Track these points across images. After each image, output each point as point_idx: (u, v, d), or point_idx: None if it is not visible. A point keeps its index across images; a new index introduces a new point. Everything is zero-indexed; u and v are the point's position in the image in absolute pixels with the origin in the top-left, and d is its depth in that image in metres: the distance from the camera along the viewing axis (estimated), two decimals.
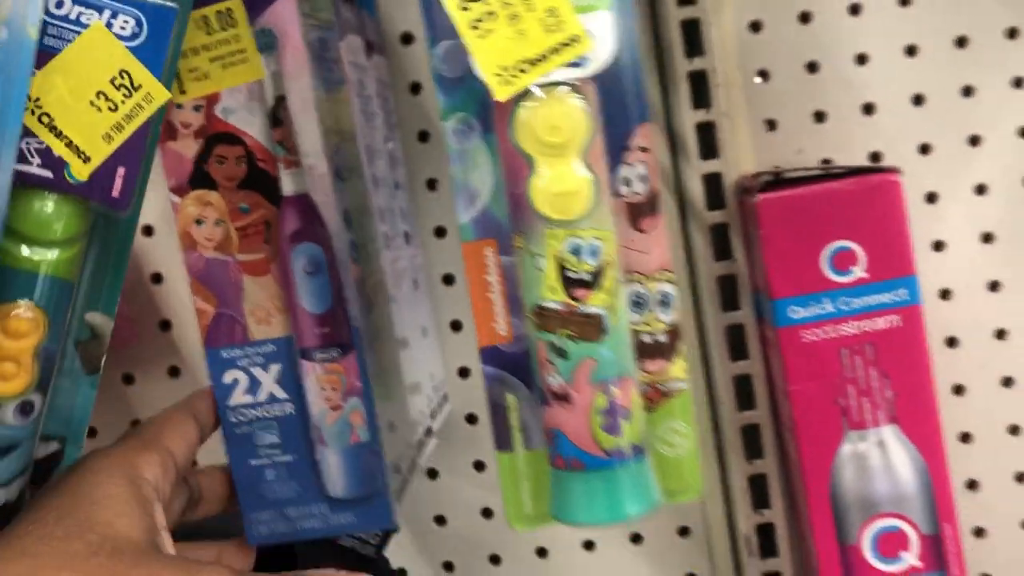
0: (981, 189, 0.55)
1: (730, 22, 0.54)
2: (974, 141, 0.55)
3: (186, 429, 0.38)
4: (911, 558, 0.48)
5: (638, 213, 0.30)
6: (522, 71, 0.26)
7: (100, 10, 0.29)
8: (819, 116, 0.55)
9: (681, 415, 0.31)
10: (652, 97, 0.55)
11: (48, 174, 0.29)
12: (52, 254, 0.31)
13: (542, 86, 0.27)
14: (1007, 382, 0.56)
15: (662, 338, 0.31)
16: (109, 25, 0.30)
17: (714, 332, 0.55)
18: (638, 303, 0.31)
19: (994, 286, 0.55)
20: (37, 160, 0.29)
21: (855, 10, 0.54)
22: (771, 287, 0.48)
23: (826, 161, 0.55)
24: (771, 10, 0.54)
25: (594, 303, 0.27)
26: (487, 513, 0.58)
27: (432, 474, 0.58)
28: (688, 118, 0.53)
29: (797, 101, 0.55)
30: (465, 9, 0.26)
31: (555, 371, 0.28)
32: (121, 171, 0.31)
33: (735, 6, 0.54)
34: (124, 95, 0.30)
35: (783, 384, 0.49)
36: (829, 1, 0.54)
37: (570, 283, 0.27)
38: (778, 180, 0.51)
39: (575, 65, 0.27)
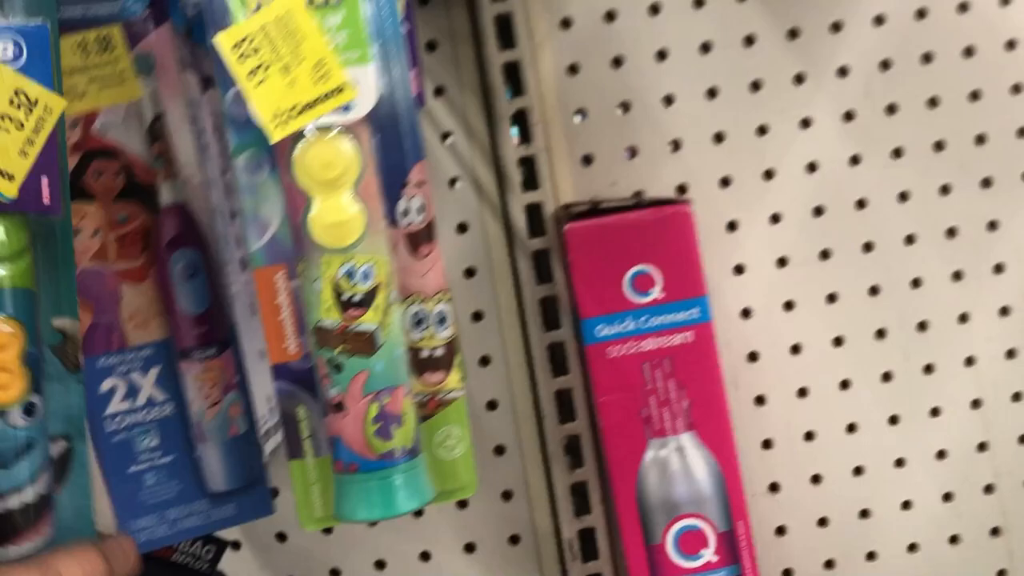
0: (775, 218, 0.61)
1: (550, 65, 0.59)
2: (768, 175, 0.61)
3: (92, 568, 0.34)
4: (709, 554, 0.53)
5: (417, 241, 0.33)
6: (294, 116, 0.30)
7: None
8: (631, 151, 0.60)
9: (456, 420, 0.35)
10: (480, 134, 0.59)
11: None
12: (6, 269, 0.32)
13: (317, 128, 0.30)
14: (802, 392, 0.62)
15: (440, 352, 0.35)
16: None
17: (538, 350, 0.59)
18: (418, 322, 0.34)
19: (789, 305, 0.61)
20: None
21: (662, 55, 0.60)
22: (580, 307, 0.52)
23: (638, 193, 0.60)
24: (587, 54, 0.59)
25: (366, 321, 0.31)
26: (326, 529, 0.61)
27: (273, 492, 0.60)
28: (511, 153, 0.58)
29: (611, 138, 0.60)
30: (242, 61, 0.29)
31: (332, 384, 0.31)
32: (45, 180, 0.33)
33: (554, 50, 0.59)
34: (25, 112, 0.32)
35: (593, 396, 0.53)
36: (639, 47, 0.59)
37: (344, 304, 0.31)
38: (595, 210, 0.56)
39: (343, 110, 0.30)
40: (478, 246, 0.60)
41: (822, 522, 0.62)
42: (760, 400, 0.62)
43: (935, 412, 0.62)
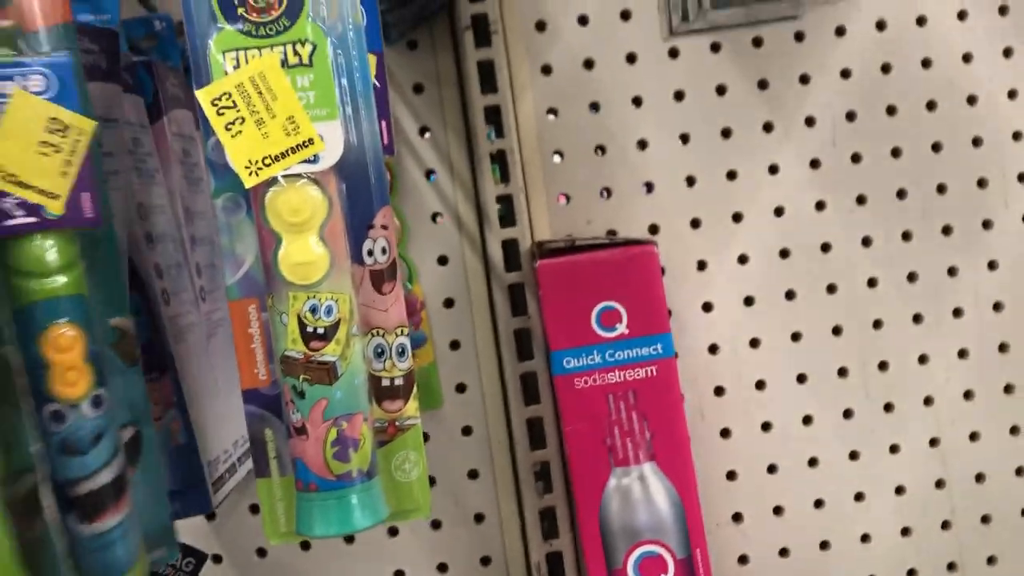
0: (743, 259, 0.64)
1: (530, 108, 0.62)
2: (737, 217, 0.63)
3: None
4: None
5: (380, 279, 0.36)
6: (266, 165, 0.33)
7: (11, 78, 0.35)
8: (606, 192, 0.63)
9: (413, 446, 0.38)
10: (462, 172, 0.62)
11: (33, 219, 0.35)
12: (61, 279, 0.36)
13: (286, 176, 0.33)
14: (766, 426, 0.64)
15: (399, 382, 0.37)
16: (25, 87, 0.35)
17: (512, 379, 0.62)
18: (380, 353, 0.37)
19: (755, 343, 0.64)
20: (20, 212, 0.35)
21: (638, 101, 0.63)
22: (549, 340, 0.55)
23: (611, 231, 0.63)
24: (566, 99, 0.62)
25: (328, 353, 0.33)
26: (304, 545, 0.63)
27: (254, 509, 0.63)
28: (491, 192, 0.61)
29: (588, 178, 0.63)
30: (220, 114, 0.32)
31: (296, 409, 0.34)
32: (86, 196, 0.36)
33: (535, 94, 0.62)
34: (61, 136, 0.35)
35: (561, 425, 0.55)
36: (615, 93, 0.62)
37: (308, 336, 0.33)
38: (570, 247, 0.59)
39: (311, 161, 0.33)
40: (458, 278, 0.62)
41: (783, 552, 0.65)
42: (725, 433, 0.64)
43: (894, 449, 0.65)
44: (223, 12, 0.33)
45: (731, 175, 0.63)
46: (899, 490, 0.65)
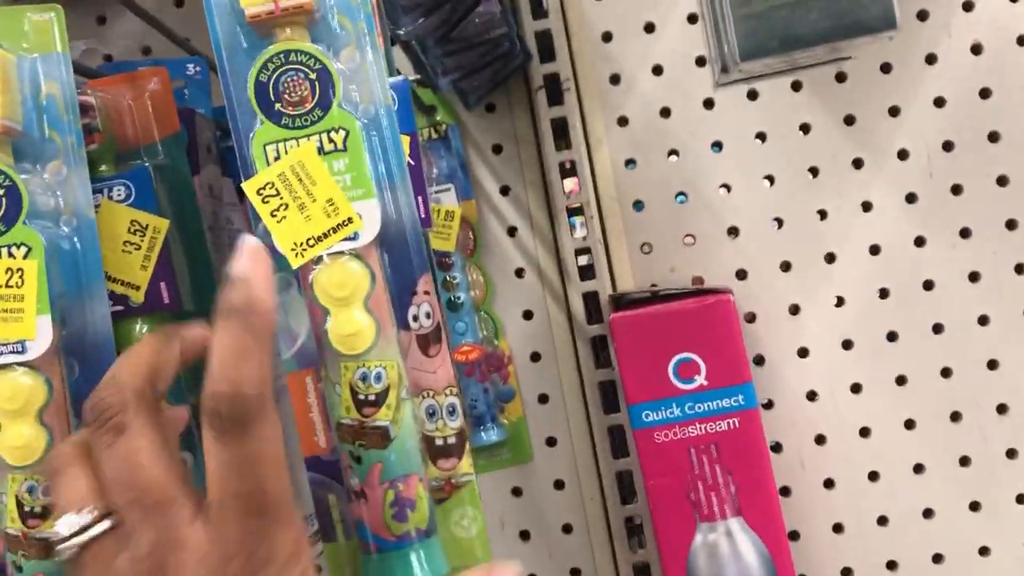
0: (839, 301, 0.61)
1: (607, 160, 0.63)
2: (830, 258, 0.61)
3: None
4: None
5: (427, 343, 0.38)
6: (310, 246, 0.35)
7: (102, 191, 0.40)
8: (690, 239, 0.62)
9: (470, 503, 0.38)
10: (543, 227, 0.63)
11: (120, 307, 0.40)
12: None
13: (330, 254, 0.35)
14: (873, 476, 0.61)
15: (452, 440, 0.38)
16: (110, 197, 0.40)
17: (599, 432, 0.62)
18: (431, 414, 0.38)
19: (856, 388, 0.61)
20: (111, 302, 0.39)
21: (718, 146, 0.62)
22: (627, 393, 0.54)
23: (697, 279, 0.62)
24: (643, 148, 0.62)
25: (380, 418, 0.35)
26: None
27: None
28: (570, 245, 0.61)
29: (669, 226, 0.62)
30: (265, 202, 0.35)
31: (354, 474, 0.35)
32: (163, 284, 0.40)
33: (611, 146, 0.62)
34: (140, 236, 0.40)
35: (642, 480, 0.55)
36: (694, 139, 0.62)
37: (360, 403, 0.35)
38: (653, 297, 0.58)
39: (352, 239, 0.35)
40: (543, 332, 0.63)
41: None
42: (829, 483, 0.61)
43: (1021, 499, 0.60)
44: (261, 108, 0.36)
45: (822, 214, 0.61)
46: None
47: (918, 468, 0.61)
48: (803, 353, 0.62)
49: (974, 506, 0.60)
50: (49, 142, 0.37)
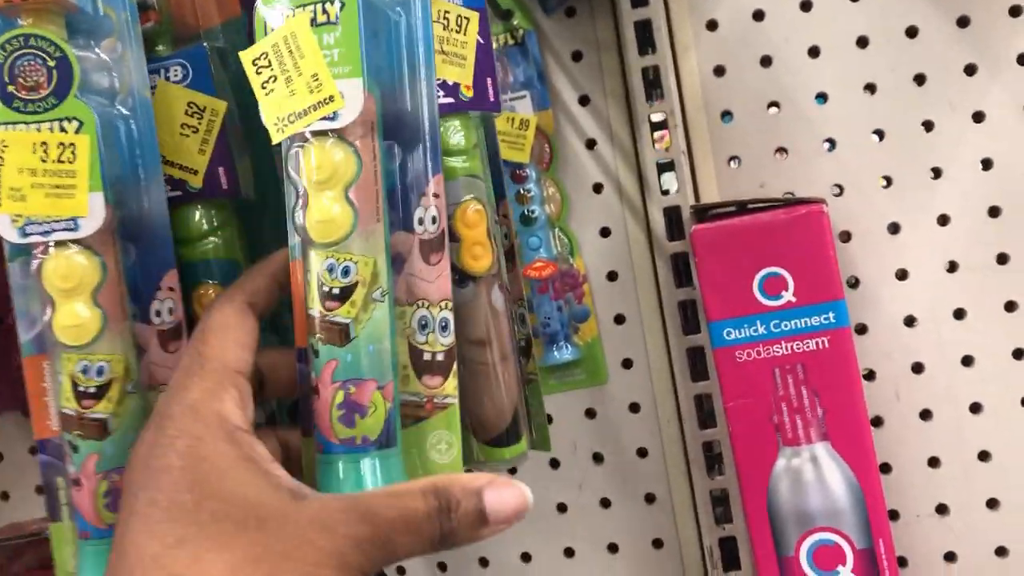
0: (944, 219, 0.57)
1: (694, 68, 0.59)
2: (936, 173, 0.57)
3: (244, 333, 0.34)
4: (846, 571, 0.50)
5: (429, 249, 0.36)
6: (291, 122, 0.33)
7: (158, 71, 0.39)
8: (782, 152, 0.58)
9: (448, 427, 0.36)
10: (623, 140, 0.60)
11: (178, 192, 0.39)
12: (211, 243, 0.40)
13: (315, 133, 0.33)
14: (975, 408, 0.57)
15: (440, 357, 0.36)
16: (167, 77, 0.39)
17: (677, 354, 0.59)
18: (423, 325, 0.36)
19: (959, 314, 0.57)
20: (167, 187, 0.39)
21: (814, 52, 0.57)
22: (707, 310, 0.51)
23: (789, 194, 0.58)
24: (734, 55, 0.58)
25: (341, 314, 0.33)
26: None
27: None
28: (651, 158, 0.58)
29: (760, 139, 0.58)
30: (258, 74, 0.33)
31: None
32: (221, 169, 0.39)
33: (699, 53, 0.59)
34: (197, 118, 0.39)
35: (722, 401, 0.52)
36: (789, 45, 0.58)
37: (324, 296, 0.33)
38: (740, 210, 0.55)
39: (330, 119, 0.33)
40: (620, 250, 0.60)
41: (1000, 551, 0.57)
42: (926, 415, 0.57)
43: None
44: None
45: (927, 126, 0.57)
46: None
47: None
48: (902, 275, 0.57)
49: None
50: (104, 18, 0.35)
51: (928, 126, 0.57)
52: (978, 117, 0.56)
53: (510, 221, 0.42)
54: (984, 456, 0.57)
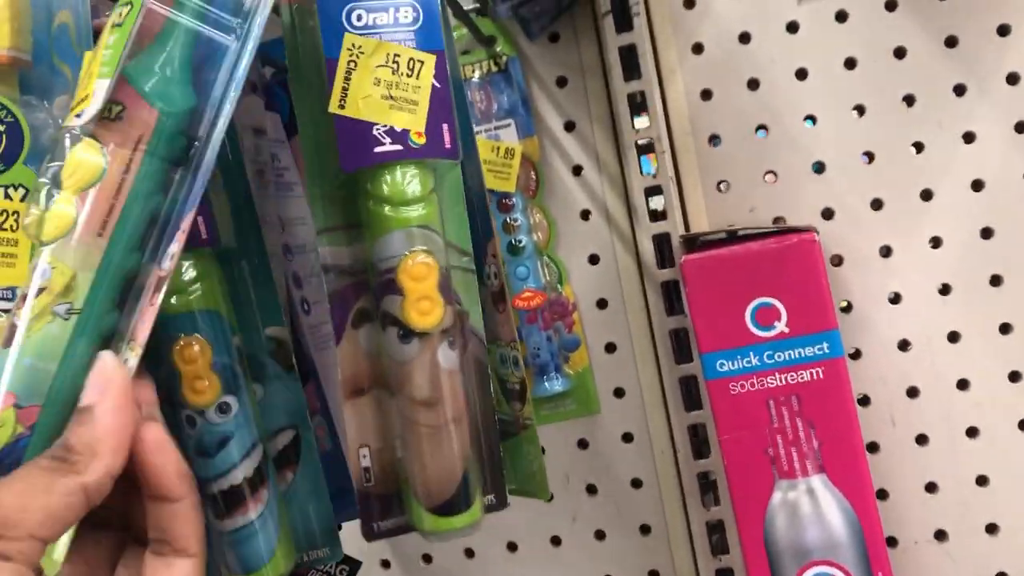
0: (936, 241, 0.56)
1: (681, 91, 0.58)
2: (926, 195, 0.56)
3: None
4: None
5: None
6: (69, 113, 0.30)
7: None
8: (771, 176, 0.58)
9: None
10: (610, 165, 0.59)
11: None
12: (188, 296, 0.38)
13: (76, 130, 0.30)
14: (971, 432, 0.56)
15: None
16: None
17: (670, 383, 0.58)
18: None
19: (953, 337, 0.56)
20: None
21: (802, 74, 0.57)
22: (700, 342, 0.51)
23: (778, 219, 0.57)
24: (720, 78, 0.57)
25: (19, 314, 0.29)
26: (469, 553, 0.62)
27: None
28: (638, 184, 0.57)
29: (749, 162, 0.57)
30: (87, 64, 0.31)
31: None
32: (200, 219, 0.38)
33: (685, 76, 0.58)
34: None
35: (716, 433, 0.51)
36: (776, 67, 0.57)
37: (23, 293, 0.29)
38: (730, 238, 0.54)
39: (78, 116, 0.30)
40: (610, 277, 0.59)
41: None
42: (922, 439, 0.57)
43: None
44: None
45: (918, 147, 0.56)
46: None
47: (1023, 424, 0.55)
48: (895, 299, 0.57)
49: None
50: (59, 75, 0.34)
51: (918, 147, 0.56)
52: (968, 137, 0.55)
53: (499, 260, 0.41)
54: (982, 481, 0.56)
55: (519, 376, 0.41)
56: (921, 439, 0.57)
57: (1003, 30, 0.54)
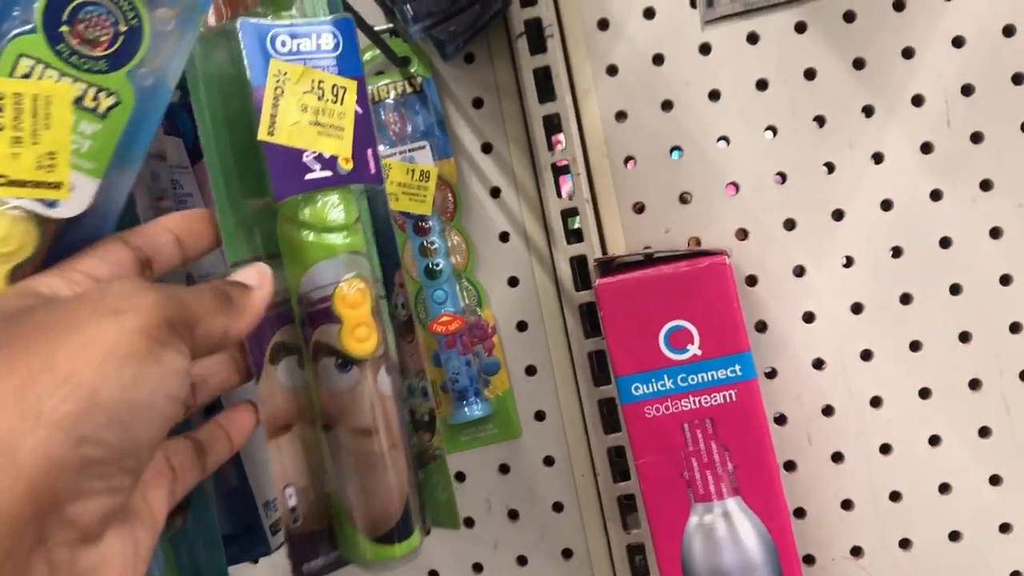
0: (848, 261, 0.57)
1: (595, 112, 0.58)
2: (838, 215, 0.57)
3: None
4: None
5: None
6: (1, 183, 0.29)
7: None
8: (686, 197, 0.58)
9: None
10: (528, 187, 0.59)
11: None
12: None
13: (17, 207, 0.30)
14: (885, 449, 0.57)
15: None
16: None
17: (589, 406, 0.58)
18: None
19: (867, 355, 0.57)
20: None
21: (715, 95, 0.57)
22: (615, 365, 0.50)
23: (694, 239, 0.58)
24: (635, 99, 0.58)
25: None
26: None
27: None
28: (555, 206, 0.57)
29: (664, 183, 0.58)
30: None
31: None
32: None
33: (600, 98, 0.58)
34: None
35: (632, 457, 0.51)
36: (690, 88, 0.57)
37: None
38: (647, 260, 0.54)
39: (48, 204, 0.30)
40: (529, 299, 0.59)
41: None
42: (837, 457, 0.57)
43: None
44: (45, 21, 0.30)
45: (829, 167, 0.57)
46: None
47: (934, 440, 0.56)
48: (809, 318, 0.57)
49: (994, 480, 0.56)
50: None
51: (829, 167, 0.57)
52: (877, 158, 0.56)
53: (407, 290, 0.41)
54: (895, 496, 0.57)
55: (428, 407, 0.41)
56: (837, 456, 0.57)
57: (907, 52, 0.55)
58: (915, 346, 0.56)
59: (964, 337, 0.56)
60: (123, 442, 0.25)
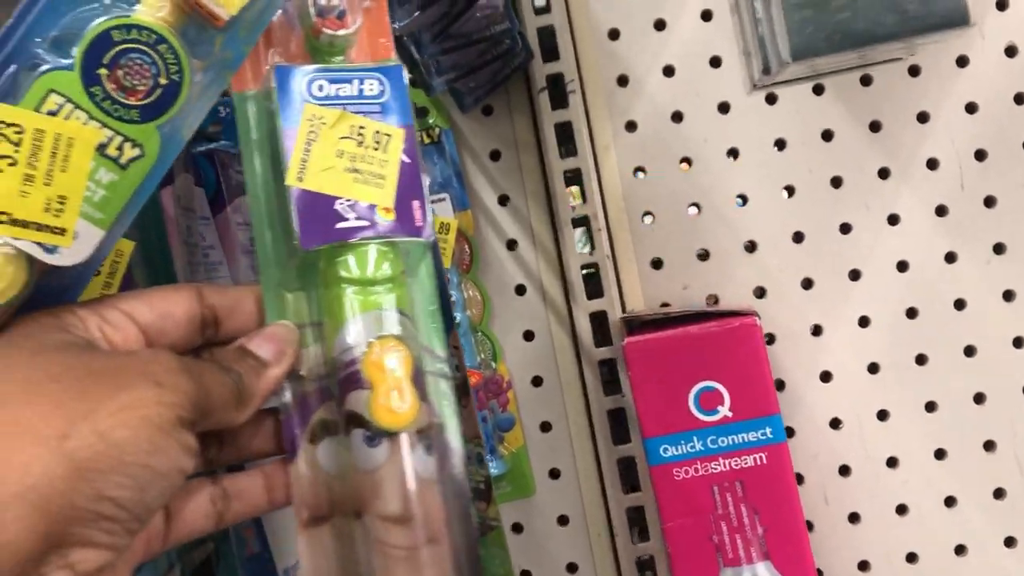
0: (864, 321, 0.57)
1: (615, 168, 0.58)
2: (854, 275, 0.57)
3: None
4: None
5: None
6: (1, 220, 0.28)
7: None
8: (703, 255, 0.58)
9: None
10: (545, 241, 0.58)
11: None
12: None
13: (11, 244, 0.28)
14: (901, 510, 0.57)
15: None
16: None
17: (607, 464, 0.57)
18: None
19: (883, 415, 0.57)
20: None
21: (734, 154, 0.57)
22: (643, 426, 0.50)
23: (712, 297, 0.57)
24: (654, 156, 0.58)
25: None
26: None
27: None
28: (574, 261, 0.56)
29: (682, 240, 0.57)
30: None
31: None
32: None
33: (619, 153, 0.58)
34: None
35: (660, 520, 0.50)
36: (709, 146, 0.57)
37: None
38: (664, 319, 0.53)
39: (47, 249, 0.29)
40: (546, 355, 0.58)
41: None
42: (854, 518, 0.57)
43: None
44: (84, 60, 0.29)
45: (844, 228, 0.57)
46: None
47: (949, 501, 0.56)
48: (826, 377, 0.57)
49: (1009, 542, 0.56)
50: (210, 38, 0.31)
51: (845, 228, 0.57)
52: (893, 220, 0.57)
53: (460, 352, 0.39)
54: (911, 557, 0.57)
55: (483, 474, 0.39)
56: (853, 517, 0.57)
57: (922, 117, 0.56)
58: (931, 407, 0.56)
59: (979, 398, 0.56)
60: (135, 505, 0.28)
